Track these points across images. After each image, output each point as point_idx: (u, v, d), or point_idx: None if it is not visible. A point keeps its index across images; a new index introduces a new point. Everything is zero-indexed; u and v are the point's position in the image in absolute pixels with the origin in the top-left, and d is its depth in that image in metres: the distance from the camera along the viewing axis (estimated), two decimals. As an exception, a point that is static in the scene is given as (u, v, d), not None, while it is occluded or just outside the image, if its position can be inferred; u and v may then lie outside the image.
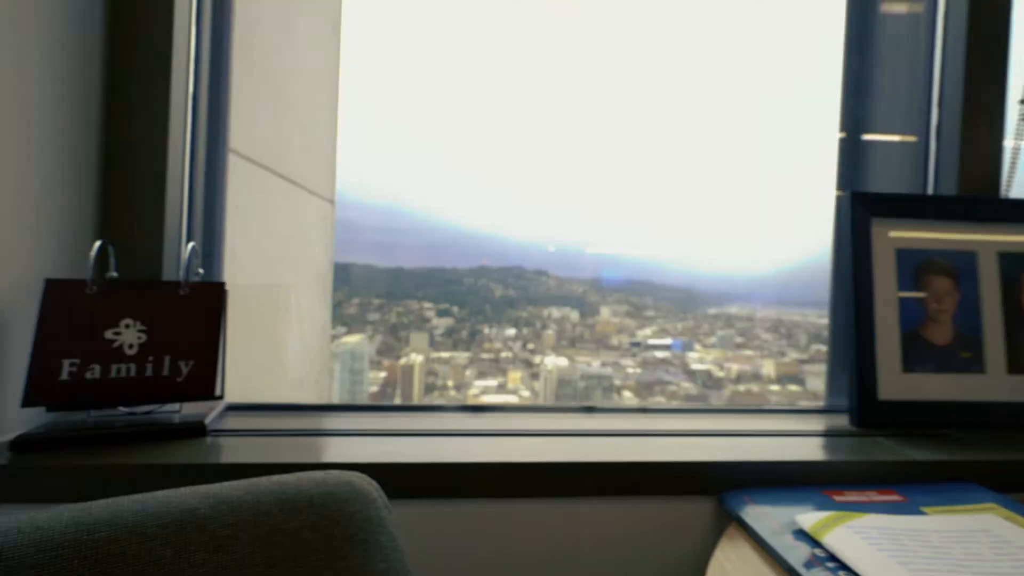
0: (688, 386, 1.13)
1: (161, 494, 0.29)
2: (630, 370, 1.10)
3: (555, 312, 1.10)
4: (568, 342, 1.10)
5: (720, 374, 1.14)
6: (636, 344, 1.11)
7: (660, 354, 1.12)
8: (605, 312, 1.12)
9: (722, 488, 0.54)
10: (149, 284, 0.52)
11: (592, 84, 1.02)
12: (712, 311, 1.17)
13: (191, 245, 0.55)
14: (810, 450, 0.60)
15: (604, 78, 1.02)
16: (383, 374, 1.03)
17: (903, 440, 0.66)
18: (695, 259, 1.07)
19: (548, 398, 1.06)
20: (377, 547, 0.32)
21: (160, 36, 0.56)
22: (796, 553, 0.43)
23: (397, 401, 0.99)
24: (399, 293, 1.03)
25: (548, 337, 1.10)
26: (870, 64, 0.81)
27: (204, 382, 0.49)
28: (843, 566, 0.40)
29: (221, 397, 0.52)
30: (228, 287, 0.53)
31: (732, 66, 1.01)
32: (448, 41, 0.98)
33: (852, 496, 0.53)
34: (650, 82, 1.02)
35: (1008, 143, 0.74)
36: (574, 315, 1.11)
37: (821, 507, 0.50)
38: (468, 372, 1.07)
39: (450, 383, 1.05)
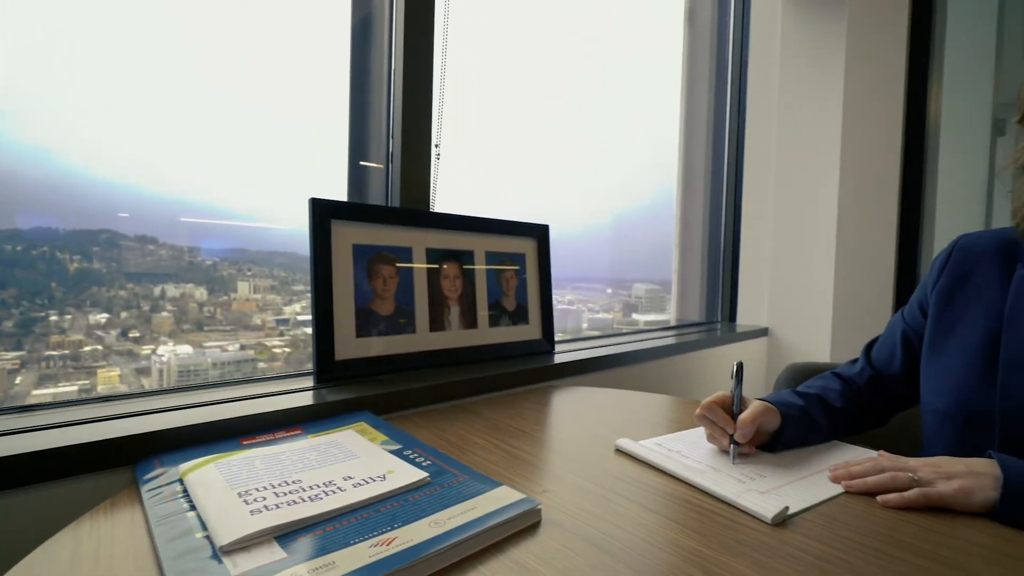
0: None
1: None
2: (277, 350, 1.02)
3: (172, 289, 0.92)
4: (193, 325, 0.94)
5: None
6: (284, 321, 1.03)
7: (311, 329, 1.07)
8: (244, 288, 0.99)
9: (140, 458, 0.61)
10: None
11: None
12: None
13: None
14: (248, 408, 0.73)
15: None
16: None
17: (345, 388, 0.81)
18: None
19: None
20: None
21: None
22: (160, 493, 0.52)
23: None
24: None
25: (164, 321, 0.91)
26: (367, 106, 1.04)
27: None
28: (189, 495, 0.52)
29: None
30: None
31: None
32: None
33: (261, 438, 0.68)
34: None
35: (433, 174, 1.08)
36: (200, 292, 0.95)
37: (226, 452, 0.63)
38: (21, 378, 0.79)
39: (-18, 396, 0.78)
